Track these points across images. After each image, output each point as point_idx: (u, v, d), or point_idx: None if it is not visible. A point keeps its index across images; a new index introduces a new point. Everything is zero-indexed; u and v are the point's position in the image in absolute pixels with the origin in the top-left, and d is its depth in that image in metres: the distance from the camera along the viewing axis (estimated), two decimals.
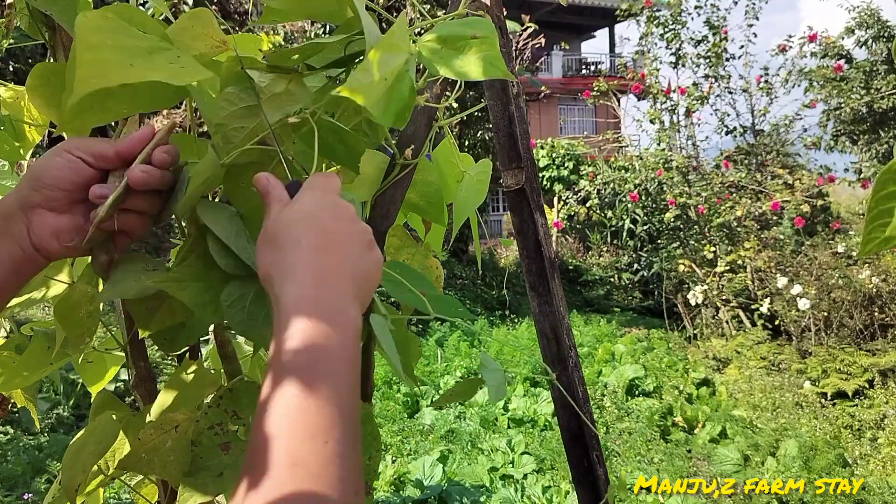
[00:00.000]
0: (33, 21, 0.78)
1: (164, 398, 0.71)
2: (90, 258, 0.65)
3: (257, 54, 0.89)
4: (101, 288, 0.79)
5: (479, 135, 9.80)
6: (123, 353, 0.82)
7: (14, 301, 0.83)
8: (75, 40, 0.50)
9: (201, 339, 0.81)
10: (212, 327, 0.78)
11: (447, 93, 0.76)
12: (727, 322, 6.84)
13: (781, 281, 6.29)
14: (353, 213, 0.58)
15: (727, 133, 8.29)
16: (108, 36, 0.52)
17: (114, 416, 0.75)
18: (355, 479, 0.45)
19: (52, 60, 0.77)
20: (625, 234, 9.59)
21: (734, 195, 7.55)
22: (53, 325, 0.84)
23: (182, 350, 0.77)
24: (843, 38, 9.02)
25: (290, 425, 0.44)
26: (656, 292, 8.69)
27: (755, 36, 7.97)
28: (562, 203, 10.33)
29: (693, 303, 7.11)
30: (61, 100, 0.64)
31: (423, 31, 0.67)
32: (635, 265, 9.63)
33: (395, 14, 0.84)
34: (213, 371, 0.86)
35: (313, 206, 0.56)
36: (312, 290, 0.51)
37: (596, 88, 8.50)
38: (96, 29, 0.52)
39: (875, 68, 8.70)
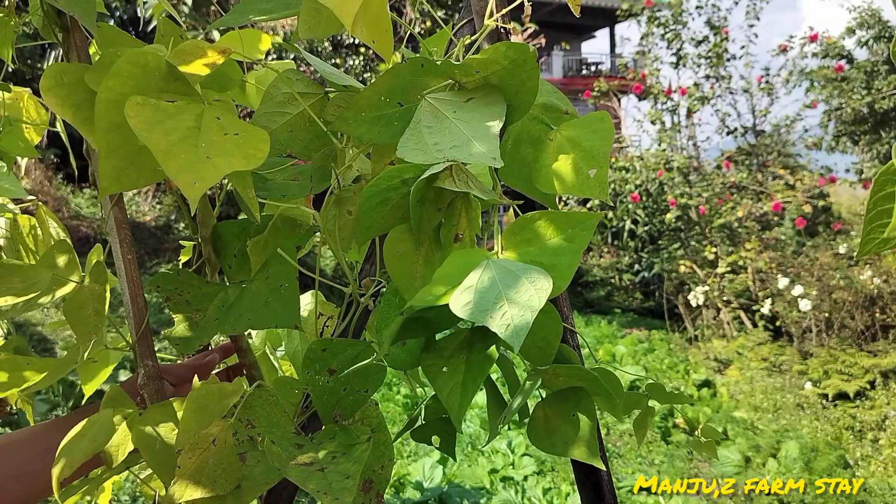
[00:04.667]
0: (47, 22, 0.79)
1: (189, 417, 0.71)
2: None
3: (259, 52, 0.89)
4: (108, 287, 0.80)
5: None
6: (130, 352, 0.82)
7: (14, 300, 0.82)
8: (143, 139, 0.54)
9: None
10: None
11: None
12: (728, 323, 6.83)
13: (783, 282, 6.28)
14: None
15: (728, 133, 8.29)
16: (163, 130, 0.56)
17: (114, 417, 0.75)
18: None
19: (65, 60, 0.78)
20: (625, 234, 9.58)
21: (735, 196, 7.55)
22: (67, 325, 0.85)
23: (196, 350, 0.79)
24: (844, 39, 9.01)
25: None
26: (657, 293, 8.68)
27: (756, 36, 7.98)
28: (562, 204, 10.32)
29: (694, 304, 7.10)
30: (77, 100, 0.66)
31: (423, 34, 0.67)
32: (636, 266, 9.62)
33: (394, 14, 0.83)
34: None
35: None
36: None
37: (596, 89, 8.50)
38: (149, 125, 0.56)
39: (876, 68, 8.70)
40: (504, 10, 0.71)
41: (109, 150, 0.58)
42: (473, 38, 0.71)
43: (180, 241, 0.82)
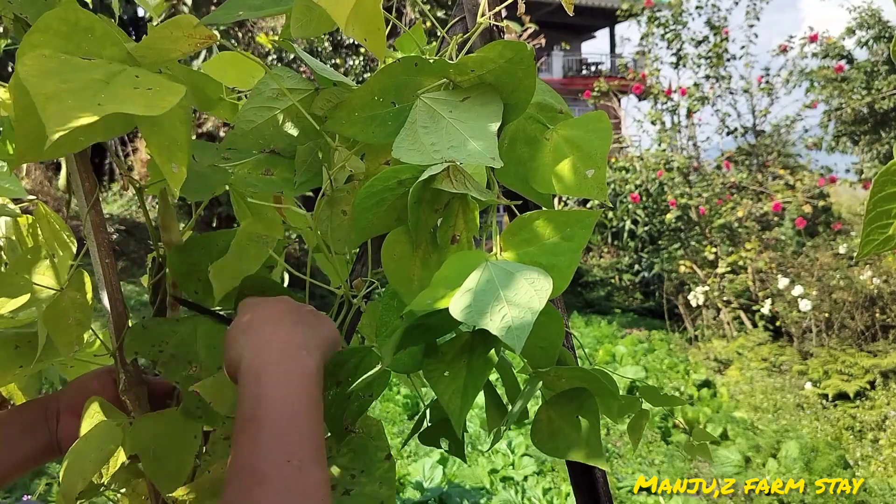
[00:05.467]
0: (17, 23, 0.77)
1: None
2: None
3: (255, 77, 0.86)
4: (89, 295, 0.78)
5: None
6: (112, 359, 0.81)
7: (8, 307, 0.81)
8: (30, 84, 0.46)
9: None
10: None
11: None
12: (728, 323, 6.83)
13: (783, 282, 6.27)
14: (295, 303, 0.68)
15: (728, 134, 8.29)
16: (60, 80, 0.49)
17: (115, 424, 0.74)
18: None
19: None
20: (625, 234, 9.57)
21: (735, 196, 7.54)
22: (30, 327, 0.83)
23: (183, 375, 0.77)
24: (843, 39, 9.00)
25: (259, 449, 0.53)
26: (657, 293, 8.67)
27: (756, 36, 7.97)
28: (562, 204, 10.32)
29: (694, 304, 7.09)
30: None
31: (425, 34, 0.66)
32: (636, 266, 9.61)
33: (394, 14, 0.83)
34: None
35: (266, 302, 0.67)
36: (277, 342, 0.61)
37: (596, 89, 8.49)
38: (43, 74, 0.49)
39: (876, 69, 8.69)
40: (497, 8, 0.71)
41: (29, 111, 0.50)
42: (465, 36, 0.70)
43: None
